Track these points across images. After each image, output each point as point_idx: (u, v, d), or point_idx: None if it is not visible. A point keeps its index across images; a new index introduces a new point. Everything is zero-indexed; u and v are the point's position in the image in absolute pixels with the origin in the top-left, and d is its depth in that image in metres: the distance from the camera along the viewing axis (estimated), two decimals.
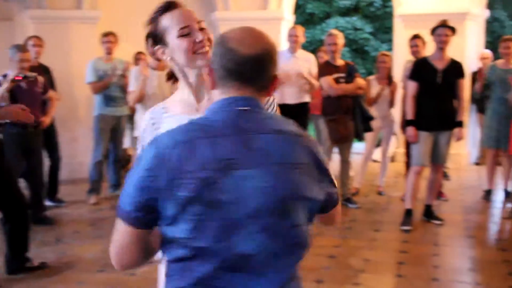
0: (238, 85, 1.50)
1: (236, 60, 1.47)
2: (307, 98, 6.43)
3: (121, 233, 1.46)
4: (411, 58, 6.51)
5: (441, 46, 5.31)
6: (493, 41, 14.44)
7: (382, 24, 20.62)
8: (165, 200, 1.39)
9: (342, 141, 6.12)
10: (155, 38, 1.93)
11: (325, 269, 4.47)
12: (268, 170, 1.42)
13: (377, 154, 7.38)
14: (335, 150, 6.32)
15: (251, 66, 1.48)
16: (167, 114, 1.92)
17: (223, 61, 1.49)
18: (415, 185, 5.44)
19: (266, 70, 1.51)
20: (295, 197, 1.46)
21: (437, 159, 5.45)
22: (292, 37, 6.33)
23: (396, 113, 6.82)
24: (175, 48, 1.88)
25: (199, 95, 1.94)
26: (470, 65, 8.12)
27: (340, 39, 6.11)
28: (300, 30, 6.40)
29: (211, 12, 8.66)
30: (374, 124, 6.35)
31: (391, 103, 6.59)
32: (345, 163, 6.28)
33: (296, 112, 6.12)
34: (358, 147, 7.33)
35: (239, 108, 1.48)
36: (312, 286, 4.12)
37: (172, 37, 1.88)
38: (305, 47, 20.75)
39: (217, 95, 1.53)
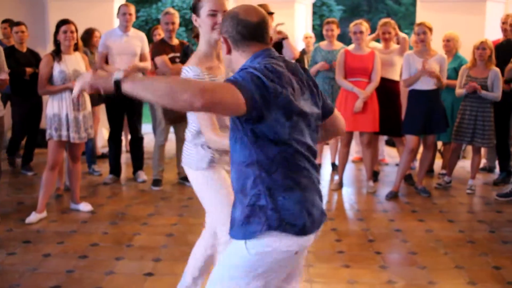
0: (255, 43, 2.11)
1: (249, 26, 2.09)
2: None
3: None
4: None
5: None
6: (321, 24, 15.27)
7: None
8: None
9: (178, 121, 6.00)
10: (194, 8, 2.86)
11: (163, 247, 4.51)
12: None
13: None
14: (171, 130, 6.32)
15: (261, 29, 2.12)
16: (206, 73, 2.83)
17: (238, 29, 2.08)
18: None
19: (268, 31, 2.17)
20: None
21: None
22: (126, 15, 6.10)
23: None
24: (204, 21, 2.84)
25: (213, 51, 2.93)
26: (298, 45, 8.54)
27: (177, 18, 6.06)
28: (132, 8, 6.21)
29: None
30: None
31: None
32: (181, 143, 6.27)
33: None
34: None
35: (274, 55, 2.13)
36: (150, 265, 4.14)
37: (204, 13, 2.83)
38: (141, 26, 20.17)
39: (237, 56, 2.13)
